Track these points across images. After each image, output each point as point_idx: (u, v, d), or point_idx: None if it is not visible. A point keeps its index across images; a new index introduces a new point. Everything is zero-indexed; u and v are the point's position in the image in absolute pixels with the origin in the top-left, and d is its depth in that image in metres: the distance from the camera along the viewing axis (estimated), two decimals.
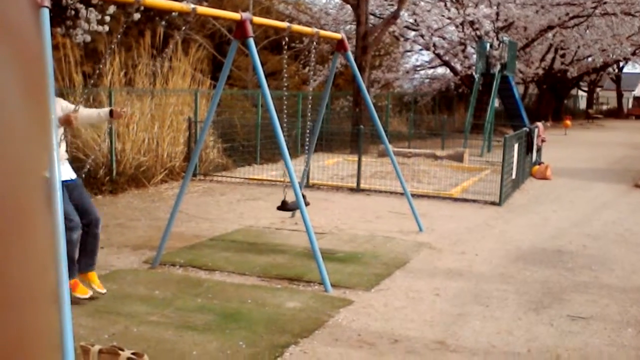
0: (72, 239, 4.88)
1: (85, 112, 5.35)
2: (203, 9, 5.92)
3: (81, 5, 13.02)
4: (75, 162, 7.34)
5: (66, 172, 5.12)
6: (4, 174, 0.29)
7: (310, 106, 8.05)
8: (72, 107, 5.17)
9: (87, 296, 5.12)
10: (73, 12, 13.33)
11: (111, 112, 5.34)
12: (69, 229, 4.74)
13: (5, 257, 0.28)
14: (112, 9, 12.94)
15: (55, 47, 11.39)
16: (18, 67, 0.30)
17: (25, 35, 0.31)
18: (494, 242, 7.79)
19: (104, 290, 5.32)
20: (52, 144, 3.83)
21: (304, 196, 6.63)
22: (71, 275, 4.85)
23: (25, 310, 0.30)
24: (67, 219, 4.76)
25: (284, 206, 6.73)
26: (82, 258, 5.20)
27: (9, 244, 0.29)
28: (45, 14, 3.91)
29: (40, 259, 0.31)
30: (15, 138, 0.29)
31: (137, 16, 12.58)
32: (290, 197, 6.67)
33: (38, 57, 0.32)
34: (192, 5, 5.57)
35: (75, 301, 4.79)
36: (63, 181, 4.92)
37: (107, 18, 13.13)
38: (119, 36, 5.05)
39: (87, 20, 13.15)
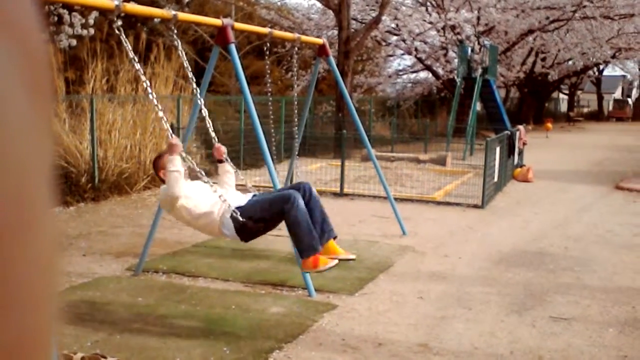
0: (301, 206, 4.70)
1: (220, 179, 5.17)
2: (184, 15, 5.92)
3: (64, 11, 12.97)
4: (56, 169, 7.29)
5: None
6: (11, 173, 0.29)
7: (292, 111, 8.06)
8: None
9: (331, 265, 4.71)
10: (56, 18, 13.28)
11: (219, 160, 5.22)
12: (294, 197, 4.65)
13: (11, 257, 0.29)
14: (94, 14, 12.91)
15: None
16: (23, 64, 0.30)
17: (29, 33, 0.31)
18: (476, 245, 7.84)
19: (352, 257, 4.98)
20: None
21: None
22: (313, 250, 4.65)
23: (28, 309, 0.30)
24: (283, 195, 4.71)
25: None
26: (317, 227, 4.84)
27: (14, 243, 0.29)
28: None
29: (45, 259, 0.31)
30: (22, 136, 0.29)
31: (119, 22, 12.56)
32: None
33: (41, 54, 0.32)
34: (173, 12, 5.57)
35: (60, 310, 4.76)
36: None
37: (91, 21, 13.09)
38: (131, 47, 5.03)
39: (71, 25, 13.10)
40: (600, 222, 9.41)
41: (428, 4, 25.65)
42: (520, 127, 14.88)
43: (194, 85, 5.78)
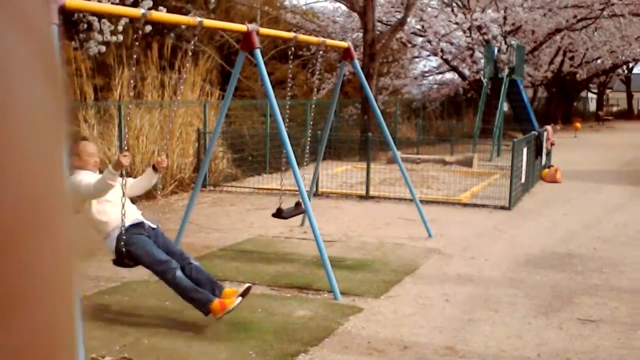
0: (178, 275, 4.84)
1: (133, 182, 5.35)
2: (209, 22, 5.99)
3: (94, 18, 13.18)
4: None
5: (143, 220, 5.15)
6: (29, 173, 0.29)
7: (318, 114, 8.09)
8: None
9: (237, 302, 4.86)
10: (86, 26, 13.50)
11: (154, 167, 5.35)
12: (172, 269, 4.80)
13: (28, 255, 0.29)
14: (123, 20, 13.10)
15: (67, 61, 11.52)
16: (39, 64, 0.30)
17: (43, 32, 0.32)
18: (503, 247, 7.79)
19: (247, 285, 5.14)
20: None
21: (298, 204, 6.67)
22: (208, 301, 4.80)
23: (47, 310, 0.30)
24: (164, 262, 4.83)
25: (279, 213, 6.74)
26: (208, 289, 5.00)
27: (32, 240, 0.29)
28: (54, 30, 3.97)
29: (62, 255, 0.32)
30: (38, 137, 0.30)
31: (148, 28, 12.75)
32: (286, 205, 6.73)
33: (54, 54, 0.32)
34: (199, 19, 5.64)
35: (86, 312, 4.84)
36: (144, 229, 4.99)
37: (120, 28, 13.29)
38: (134, 57, 5.11)
39: (101, 32, 13.31)
40: (630, 223, 9.29)
41: (454, 4, 25.57)
42: (548, 127, 14.73)
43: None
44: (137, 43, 4.96)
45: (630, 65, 43.18)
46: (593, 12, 24.84)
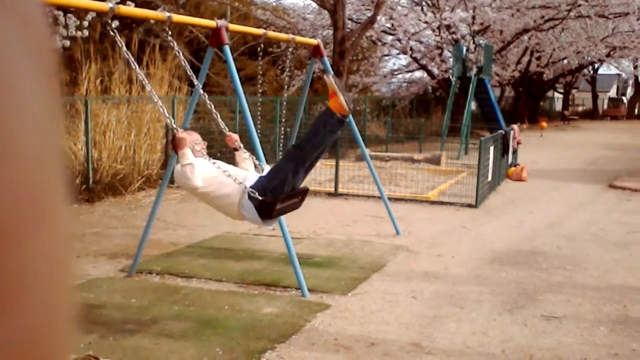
0: None
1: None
2: (179, 17, 5.93)
3: (59, 12, 12.97)
4: None
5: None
6: (25, 169, 0.29)
7: (288, 111, 8.08)
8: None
9: None
10: (50, 20, 13.26)
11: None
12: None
13: (25, 250, 0.28)
14: (90, 15, 12.91)
15: None
16: (35, 56, 0.30)
17: (39, 29, 0.32)
18: (470, 244, 7.87)
19: None
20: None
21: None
22: None
23: (43, 301, 0.30)
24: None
25: None
26: None
27: (29, 235, 0.29)
28: None
29: (59, 250, 0.31)
30: (34, 128, 0.29)
31: (115, 23, 12.62)
32: None
33: (49, 47, 0.33)
34: (168, 14, 5.59)
35: None
36: None
37: (85, 23, 13.11)
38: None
39: (66, 26, 13.11)
40: (594, 221, 9.45)
41: (423, 3, 25.71)
42: (515, 126, 14.91)
43: (196, 82, 5.87)
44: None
45: (596, 65, 43.92)
46: (560, 12, 25.21)
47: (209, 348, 4.50)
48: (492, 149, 11.58)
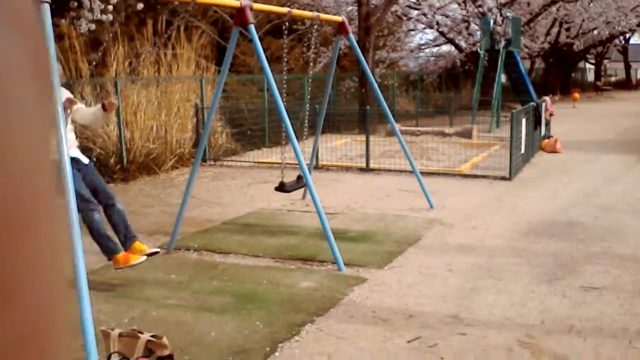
0: (95, 218, 4.99)
1: (83, 109, 5.38)
2: None
3: None
4: (86, 151, 7.39)
5: (77, 155, 5.19)
6: (17, 160, 0.29)
7: (315, 88, 8.07)
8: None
9: (141, 260, 5.16)
10: (76, 4, 13.36)
11: (103, 106, 5.19)
12: (90, 210, 4.92)
13: (19, 245, 0.29)
14: None
15: (60, 37, 11.43)
16: (26, 52, 0.30)
17: (30, 21, 0.31)
18: (505, 217, 7.82)
19: (156, 250, 5.42)
20: (60, 129, 3.83)
21: (300, 178, 6.70)
22: (113, 252, 5.06)
23: (40, 297, 0.30)
24: (86, 200, 4.88)
25: (281, 187, 6.76)
26: (120, 236, 5.24)
27: (22, 230, 0.29)
28: (46, 9, 3.89)
29: (54, 245, 0.31)
30: (26, 124, 0.30)
31: (140, 6, 12.65)
32: (288, 178, 6.76)
33: (42, 42, 0.33)
34: None
35: (94, 287, 4.85)
36: (77, 164, 5.01)
37: (110, 7, 13.16)
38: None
39: (91, 10, 13.18)
40: (630, 191, 9.32)
41: None
42: (547, 98, 14.71)
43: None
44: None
45: (627, 35, 42.95)
46: None
47: (250, 321, 4.55)
48: (524, 121, 11.44)
